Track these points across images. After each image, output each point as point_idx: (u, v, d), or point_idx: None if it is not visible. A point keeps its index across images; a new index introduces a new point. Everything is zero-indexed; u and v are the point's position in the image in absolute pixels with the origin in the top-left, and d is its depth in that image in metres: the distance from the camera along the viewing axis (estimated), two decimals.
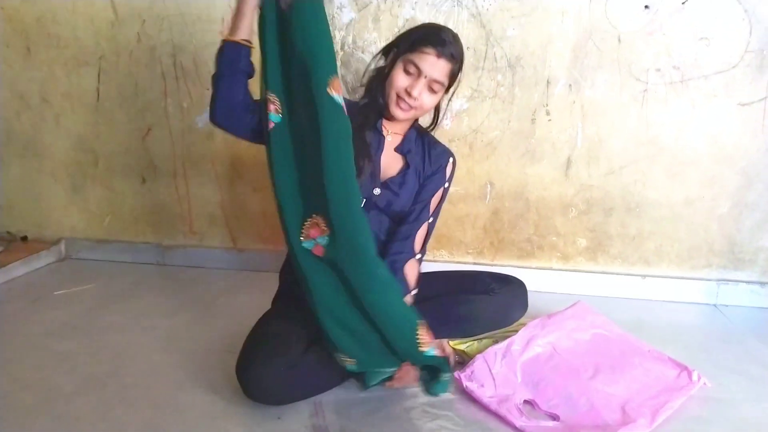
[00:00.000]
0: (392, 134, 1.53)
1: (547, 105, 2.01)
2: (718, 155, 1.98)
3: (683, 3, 1.88)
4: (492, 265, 2.12)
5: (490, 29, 1.98)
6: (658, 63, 1.93)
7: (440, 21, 1.98)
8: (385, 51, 1.51)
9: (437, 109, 1.59)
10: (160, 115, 2.24)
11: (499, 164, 2.07)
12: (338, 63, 2.06)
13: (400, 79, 1.42)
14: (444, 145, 1.61)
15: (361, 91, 1.64)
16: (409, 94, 1.41)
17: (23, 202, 2.42)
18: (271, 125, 1.32)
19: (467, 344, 1.56)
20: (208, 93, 2.16)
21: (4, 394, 1.40)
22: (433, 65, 1.39)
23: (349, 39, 2.06)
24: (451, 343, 1.57)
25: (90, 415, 1.32)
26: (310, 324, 1.43)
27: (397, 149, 1.53)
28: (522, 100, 2.02)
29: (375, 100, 1.48)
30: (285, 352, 1.33)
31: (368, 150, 1.47)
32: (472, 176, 2.09)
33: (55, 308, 1.90)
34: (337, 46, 2.07)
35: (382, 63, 1.51)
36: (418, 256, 1.54)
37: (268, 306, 1.57)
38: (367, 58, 2.05)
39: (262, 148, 2.13)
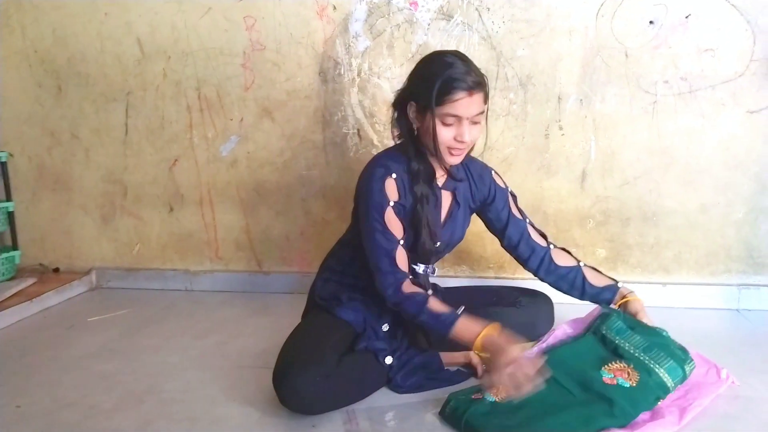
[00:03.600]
0: (440, 177, 1.55)
1: (559, 120, 2.07)
2: (730, 162, 2.02)
3: (686, 17, 1.94)
4: (513, 279, 2.15)
5: (500, 50, 2.06)
6: (665, 75, 1.99)
7: (452, 45, 2.07)
8: (400, 103, 1.47)
9: None
10: (185, 146, 2.33)
11: (515, 179, 2.12)
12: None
13: (444, 135, 1.38)
14: (478, 162, 1.65)
15: (379, 116, 1.70)
16: (461, 141, 1.39)
17: (55, 235, 2.51)
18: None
19: None
20: (232, 123, 2.28)
21: (48, 412, 1.44)
22: (469, 105, 1.35)
23: (365, 66, 2.14)
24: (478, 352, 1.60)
25: (130, 429, 1.37)
26: (342, 335, 1.48)
27: (445, 186, 1.56)
28: (534, 116, 2.08)
29: (422, 158, 1.47)
30: (319, 362, 1.36)
31: (437, 223, 1.53)
32: None
33: (90, 333, 1.96)
34: (353, 73, 2.15)
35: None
36: (551, 245, 1.65)
37: (295, 325, 1.61)
38: (383, 83, 2.14)
39: (284, 173, 2.21)
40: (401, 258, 1.45)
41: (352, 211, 1.63)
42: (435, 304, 1.40)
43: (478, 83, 1.36)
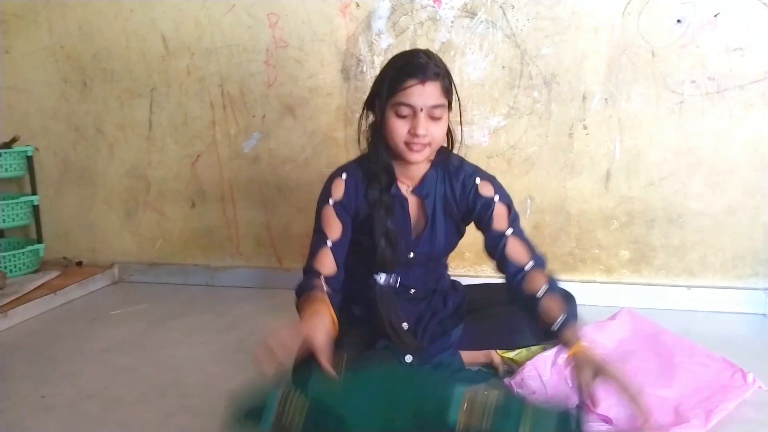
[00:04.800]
0: (411, 184, 1.46)
1: (584, 119, 2.05)
2: (758, 164, 1.98)
3: (715, 16, 1.91)
4: None
5: (524, 48, 2.04)
6: (693, 75, 1.96)
7: (475, 43, 2.06)
8: (369, 105, 1.41)
9: (448, 133, 1.44)
10: (208, 143, 2.34)
11: (539, 179, 2.10)
12: None
13: (397, 127, 1.31)
14: (467, 168, 1.48)
15: None
16: (415, 134, 1.30)
17: (78, 229, 2.54)
18: None
19: (516, 352, 1.58)
20: (254, 120, 2.29)
21: (71, 404, 1.46)
22: (422, 94, 1.28)
23: None
24: (499, 351, 1.59)
25: (152, 422, 1.38)
26: (362, 332, 1.47)
27: (416, 191, 1.45)
28: (559, 115, 2.06)
29: (381, 159, 1.39)
30: (339, 359, 1.36)
31: (402, 231, 1.44)
32: (512, 191, 2.05)
33: (113, 326, 1.98)
34: (376, 71, 2.15)
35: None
36: (529, 264, 1.36)
37: None
38: None
39: (305, 170, 2.21)
40: (323, 259, 1.38)
41: None
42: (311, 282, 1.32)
43: (434, 73, 1.29)
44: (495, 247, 1.42)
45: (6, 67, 2.46)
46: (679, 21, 1.94)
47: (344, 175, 1.43)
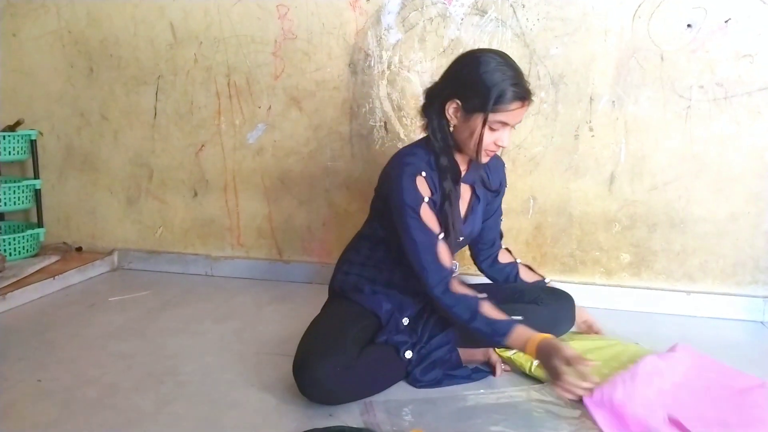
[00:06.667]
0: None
1: (590, 121, 2.04)
2: (762, 171, 1.97)
3: (726, 21, 1.91)
4: None
5: (533, 48, 2.03)
6: (701, 80, 1.96)
7: (485, 41, 2.05)
8: (441, 97, 1.46)
9: None
10: (213, 132, 2.34)
11: (542, 179, 2.10)
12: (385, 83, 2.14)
13: (487, 139, 1.41)
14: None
15: (407, 109, 1.69)
16: (501, 146, 1.44)
17: (79, 215, 2.54)
18: None
19: (513, 351, 1.57)
20: (260, 110, 2.28)
21: (68, 388, 1.46)
22: (520, 114, 1.41)
23: (396, 59, 2.13)
24: (497, 350, 1.59)
25: (149, 409, 1.38)
26: (363, 326, 1.48)
27: (465, 180, 1.57)
28: (565, 116, 2.06)
29: (449, 154, 1.49)
30: (341, 352, 1.36)
31: (459, 218, 1.55)
32: (515, 191, 2.12)
33: (111, 313, 1.98)
34: (383, 65, 2.14)
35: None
36: (502, 245, 1.81)
37: (314, 315, 1.60)
38: (413, 77, 2.13)
39: (309, 163, 2.21)
40: (444, 253, 1.44)
41: (372, 204, 1.63)
42: (488, 310, 1.40)
43: (530, 92, 1.40)
44: (492, 227, 1.74)
45: (13, 51, 2.45)
46: (689, 26, 1.94)
47: (423, 174, 1.47)
